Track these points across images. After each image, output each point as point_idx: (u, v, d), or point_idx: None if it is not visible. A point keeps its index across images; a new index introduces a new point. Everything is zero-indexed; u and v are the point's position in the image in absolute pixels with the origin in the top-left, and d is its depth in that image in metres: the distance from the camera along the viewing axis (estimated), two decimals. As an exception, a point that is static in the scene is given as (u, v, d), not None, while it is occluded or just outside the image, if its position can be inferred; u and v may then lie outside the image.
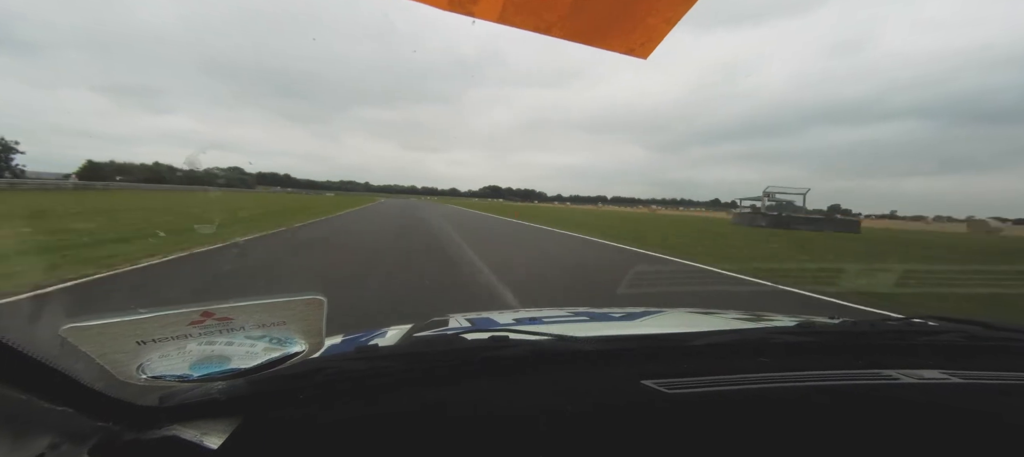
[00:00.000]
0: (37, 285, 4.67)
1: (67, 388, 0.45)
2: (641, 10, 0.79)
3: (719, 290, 6.09)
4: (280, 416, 0.56)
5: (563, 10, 0.82)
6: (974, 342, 0.81)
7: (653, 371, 0.66)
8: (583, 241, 12.81)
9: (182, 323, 0.46)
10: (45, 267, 5.41)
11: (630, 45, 0.88)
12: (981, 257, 12.52)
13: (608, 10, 0.80)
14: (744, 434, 0.54)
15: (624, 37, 0.86)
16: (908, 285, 6.96)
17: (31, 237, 8.15)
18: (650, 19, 0.80)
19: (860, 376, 0.67)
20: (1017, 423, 0.58)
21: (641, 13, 0.79)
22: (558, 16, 0.84)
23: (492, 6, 0.82)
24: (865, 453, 0.51)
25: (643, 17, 0.80)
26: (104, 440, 0.48)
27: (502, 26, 0.85)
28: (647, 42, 0.86)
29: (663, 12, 0.78)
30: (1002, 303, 5.82)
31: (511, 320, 1.21)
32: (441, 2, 0.79)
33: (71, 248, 6.77)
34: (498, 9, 0.82)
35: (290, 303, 0.51)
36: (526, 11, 0.83)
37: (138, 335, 0.44)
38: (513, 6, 0.81)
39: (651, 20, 0.80)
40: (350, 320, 3.69)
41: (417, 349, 0.75)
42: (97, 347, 0.42)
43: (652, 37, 0.84)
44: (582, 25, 0.85)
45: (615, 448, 0.50)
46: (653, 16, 0.79)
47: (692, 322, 1.27)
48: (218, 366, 0.49)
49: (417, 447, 0.51)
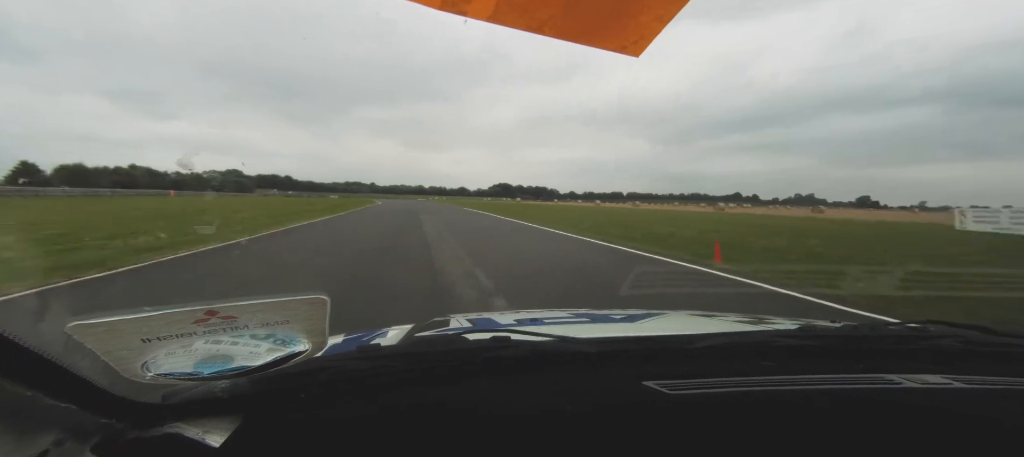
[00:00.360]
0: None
1: (71, 385, 0.45)
2: (633, 8, 0.80)
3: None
4: (282, 415, 0.56)
5: (555, 9, 0.83)
6: (975, 347, 0.81)
7: (654, 372, 0.66)
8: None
9: (187, 321, 0.46)
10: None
11: (622, 43, 0.90)
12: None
13: (600, 8, 0.82)
14: (745, 436, 0.54)
15: (616, 35, 0.87)
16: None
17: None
18: (642, 17, 0.81)
19: (861, 380, 0.68)
20: (1018, 427, 0.58)
21: (633, 11, 0.81)
22: (550, 15, 0.85)
23: (485, 6, 0.82)
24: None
25: (635, 15, 0.81)
26: (107, 437, 0.48)
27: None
28: (639, 40, 0.87)
29: (655, 10, 0.80)
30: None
31: (512, 321, 1.22)
32: (434, 1, 0.80)
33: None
34: (490, 8, 0.83)
35: (293, 302, 0.51)
36: (518, 10, 0.84)
37: (143, 333, 0.44)
38: (506, 5, 0.82)
39: (643, 18, 0.81)
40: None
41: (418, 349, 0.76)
42: (102, 344, 0.43)
43: (644, 35, 0.86)
44: (574, 24, 0.86)
45: (616, 449, 0.51)
46: (645, 14, 0.80)
47: (693, 324, 1.28)
48: (222, 365, 0.50)
49: (418, 447, 0.52)
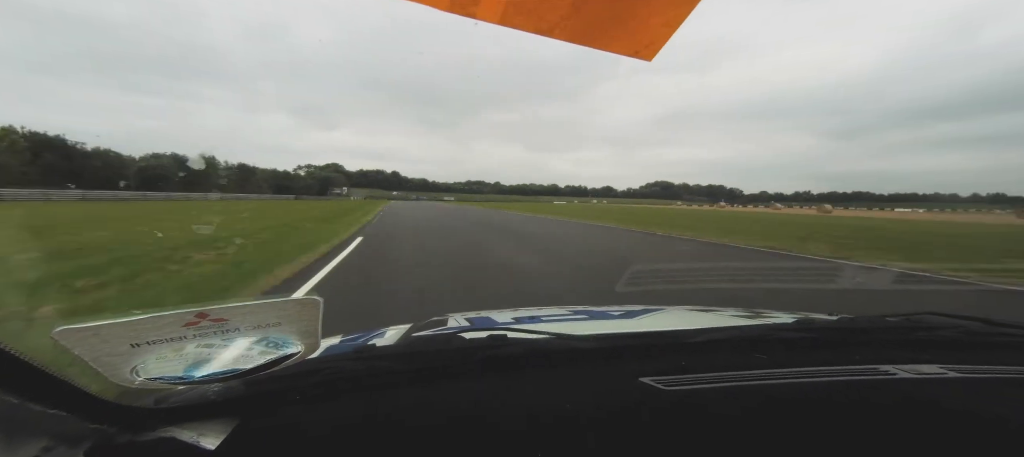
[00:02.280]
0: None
1: (61, 391, 0.45)
2: (643, 12, 0.78)
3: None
4: (276, 417, 0.56)
5: (564, 12, 0.82)
6: (973, 338, 0.81)
7: (651, 368, 0.66)
8: None
9: (177, 325, 0.46)
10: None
11: (635, 47, 0.87)
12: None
13: (609, 12, 0.80)
14: (742, 431, 0.53)
15: (627, 39, 0.85)
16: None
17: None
18: (651, 20, 0.79)
19: (858, 372, 0.67)
20: (1016, 418, 0.57)
21: (643, 15, 0.78)
22: (560, 17, 0.83)
23: (494, 8, 0.82)
24: (864, 448, 0.51)
25: (645, 19, 0.79)
26: (99, 443, 0.48)
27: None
28: (651, 44, 0.85)
29: (664, 14, 0.77)
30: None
31: (510, 319, 1.21)
32: (443, 4, 0.79)
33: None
34: (500, 11, 0.82)
35: (286, 303, 0.51)
36: (526, 13, 0.82)
37: (132, 337, 0.44)
38: (514, 8, 0.81)
39: (652, 21, 0.79)
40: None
41: (415, 348, 0.76)
42: (90, 350, 0.42)
43: (656, 39, 0.83)
44: (583, 27, 0.84)
45: (614, 445, 0.50)
46: (654, 17, 0.78)
47: (691, 320, 1.26)
48: (215, 368, 0.50)
49: (415, 447, 0.51)
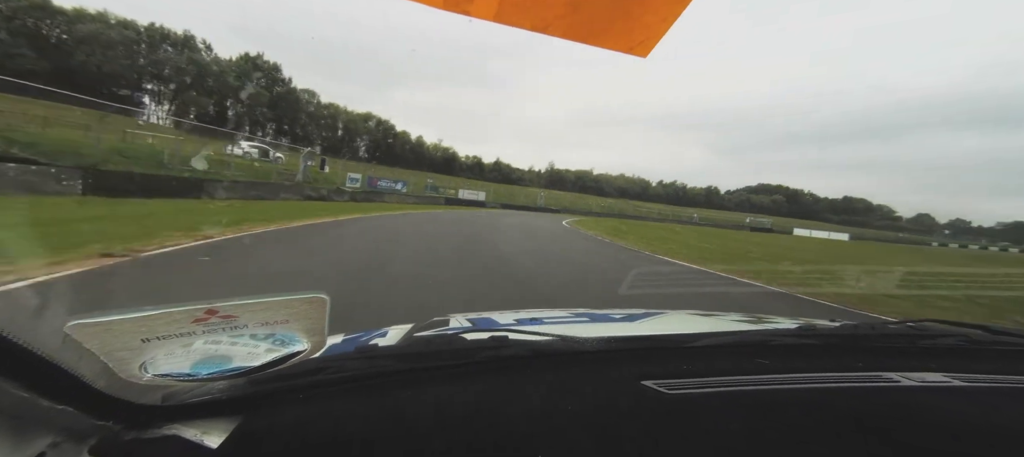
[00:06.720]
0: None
1: (68, 386, 0.45)
2: (638, 9, 0.79)
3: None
4: (280, 416, 0.56)
5: (559, 9, 0.83)
6: (975, 346, 0.81)
7: (653, 372, 0.66)
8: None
9: (186, 320, 0.46)
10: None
11: (629, 44, 0.89)
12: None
13: (604, 9, 0.81)
14: (743, 435, 0.53)
15: (622, 36, 0.86)
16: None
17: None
18: (646, 17, 0.80)
19: (861, 378, 0.67)
20: (1017, 426, 0.58)
21: (638, 12, 0.80)
22: (555, 15, 0.84)
23: (488, 5, 0.82)
24: (866, 455, 0.51)
25: (640, 16, 0.80)
26: (105, 439, 0.48)
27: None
28: (646, 40, 0.86)
29: (659, 11, 0.79)
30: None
31: (512, 320, 1.21)
32: (436, 1, 0.80)
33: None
34: (494, 8, 0.83)
35: (293, 301, 0.51)
36: (522, 10, 0.83)
37: (143, 332, 0.44)
38: (509, 5, 0.82)
39: (647, 18, 0.80)
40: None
41: (417, 348, 0.76)
42: (102, 344, 0.43)
43: (650, 35, 0.85)
44: (579, 24, 0.85)
45: (614, 448, 0.50)
46: (650, 14, 0.80)
47: (693, 324, 1.27)
48: (221, 365, 0.50)
49: (417, 446, 0.51)
